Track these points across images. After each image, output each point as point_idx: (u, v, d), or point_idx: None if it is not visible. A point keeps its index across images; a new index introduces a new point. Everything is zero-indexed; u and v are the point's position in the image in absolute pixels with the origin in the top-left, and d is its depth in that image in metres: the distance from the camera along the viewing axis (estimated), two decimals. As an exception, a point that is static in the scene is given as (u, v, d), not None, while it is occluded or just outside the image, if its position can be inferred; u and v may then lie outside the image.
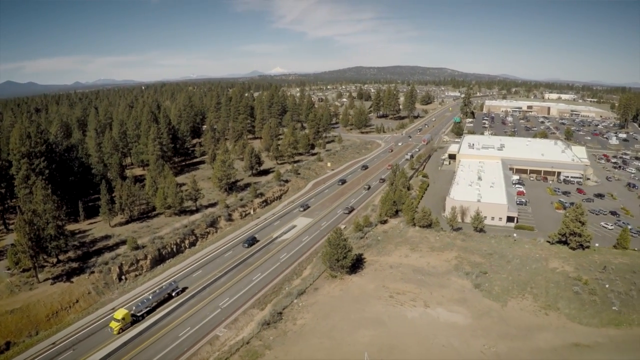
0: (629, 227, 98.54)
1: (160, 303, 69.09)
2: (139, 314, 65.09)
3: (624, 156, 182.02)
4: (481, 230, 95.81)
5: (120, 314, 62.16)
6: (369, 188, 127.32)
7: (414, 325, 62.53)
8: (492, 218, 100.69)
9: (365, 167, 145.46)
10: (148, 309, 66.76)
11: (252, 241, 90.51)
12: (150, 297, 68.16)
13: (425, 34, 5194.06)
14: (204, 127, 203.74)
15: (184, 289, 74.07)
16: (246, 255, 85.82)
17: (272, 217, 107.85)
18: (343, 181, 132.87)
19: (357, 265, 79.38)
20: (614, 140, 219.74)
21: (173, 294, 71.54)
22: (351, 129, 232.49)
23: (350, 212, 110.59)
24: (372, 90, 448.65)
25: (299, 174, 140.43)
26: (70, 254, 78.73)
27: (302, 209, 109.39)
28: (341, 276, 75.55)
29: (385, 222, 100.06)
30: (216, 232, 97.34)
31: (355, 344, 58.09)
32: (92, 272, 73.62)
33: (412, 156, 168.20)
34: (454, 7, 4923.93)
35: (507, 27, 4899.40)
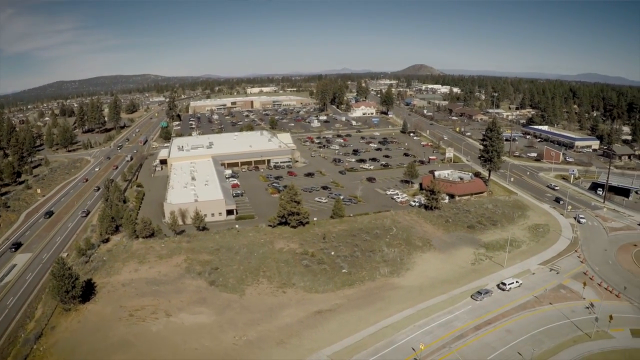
0: (341, 197, 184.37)
1: None
2: None
3: (326, 136, 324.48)
4: (204, 229, 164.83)
5: None
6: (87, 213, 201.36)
7: (162, 337, 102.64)
8: (213, 214, 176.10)
9: (49, 213, 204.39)
10: None
11: None
12: None
13: (127, 42, 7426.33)
14: None
15: None
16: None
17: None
18: (50, 213, 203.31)
19: (88, 291, 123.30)
20: (315, 124, 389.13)
21: None
22: (57, 149, 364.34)
23: (87, 214, 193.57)
24: (76, 105, 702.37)
25: (9, 206, 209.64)
26: None
27: (15, 247, 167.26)
28: (75, 307, 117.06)
29: (107, 240, 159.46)
30: None
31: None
32: None
33: (132, 158, 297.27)
34: (153, 11, 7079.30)
35: (202, 28, 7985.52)
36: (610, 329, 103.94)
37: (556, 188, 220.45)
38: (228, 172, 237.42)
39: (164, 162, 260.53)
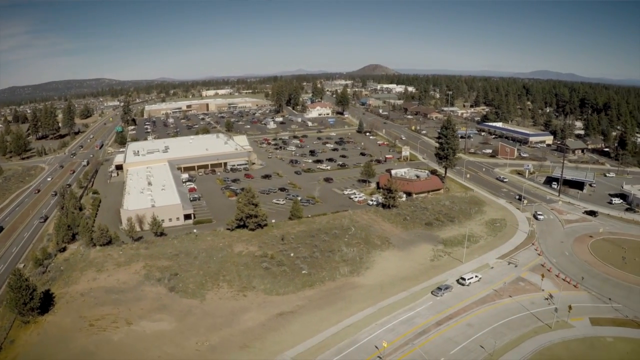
0: (299, 198, 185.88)
1: None
2: None
3: (283, 137, 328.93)
4: (162, 234, 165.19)
5: None
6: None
7: (124, 346, 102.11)
8: (170, 220, 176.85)
9: None
10: None
11: None
12: None
13: (80, 45, 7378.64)
14: None
15: None
16: None
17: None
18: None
19: (47, 302, 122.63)
20: (271, 125, 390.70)
21: None
22: (11, 157, 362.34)
23: (45, 219, 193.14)
24: (29, 111, 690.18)
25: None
26: None
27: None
28: (34, 319, 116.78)
29: (64, 249, 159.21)
30: None
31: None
32: None
33: (88, 162, 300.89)
34: (106, 14, 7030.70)
35: (156, 31, 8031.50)
36: (570, 319, 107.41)
37: (505, 180, 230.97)
38: (185, 176, 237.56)
39: (119, 167, 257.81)
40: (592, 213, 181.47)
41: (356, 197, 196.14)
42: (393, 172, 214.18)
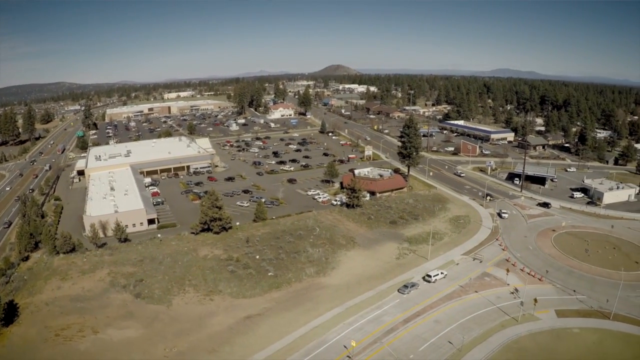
0: (263, 200, 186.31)
1: None
2: None
3: (245, 139, 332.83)
4: (126, 240, 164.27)
5: None
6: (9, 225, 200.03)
7: (91, 356, 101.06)
8: (134, 225, 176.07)
9: None
10: None
11: None
12: None
13: (40, 49, 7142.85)
14: None
15: None
16: None
17: None
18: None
19: (11, 313, 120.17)
20: (234, 127, 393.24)
21: None
22: None
23: (9, 225, 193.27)
24: None
25: None
26: None
27: None
28: None
29: (27, 258, 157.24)
30: None
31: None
32: None
33: (50, 167, 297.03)
34: (66, 16, 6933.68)
35: (116, 33, 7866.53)
36: (535, 312, 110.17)
37: (462, 175, 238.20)
38: (147, 180, 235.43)
39: (81, 173, 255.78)
40: (545, 205, 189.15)
41: (320, 198, 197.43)
42: (356, 171, 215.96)
